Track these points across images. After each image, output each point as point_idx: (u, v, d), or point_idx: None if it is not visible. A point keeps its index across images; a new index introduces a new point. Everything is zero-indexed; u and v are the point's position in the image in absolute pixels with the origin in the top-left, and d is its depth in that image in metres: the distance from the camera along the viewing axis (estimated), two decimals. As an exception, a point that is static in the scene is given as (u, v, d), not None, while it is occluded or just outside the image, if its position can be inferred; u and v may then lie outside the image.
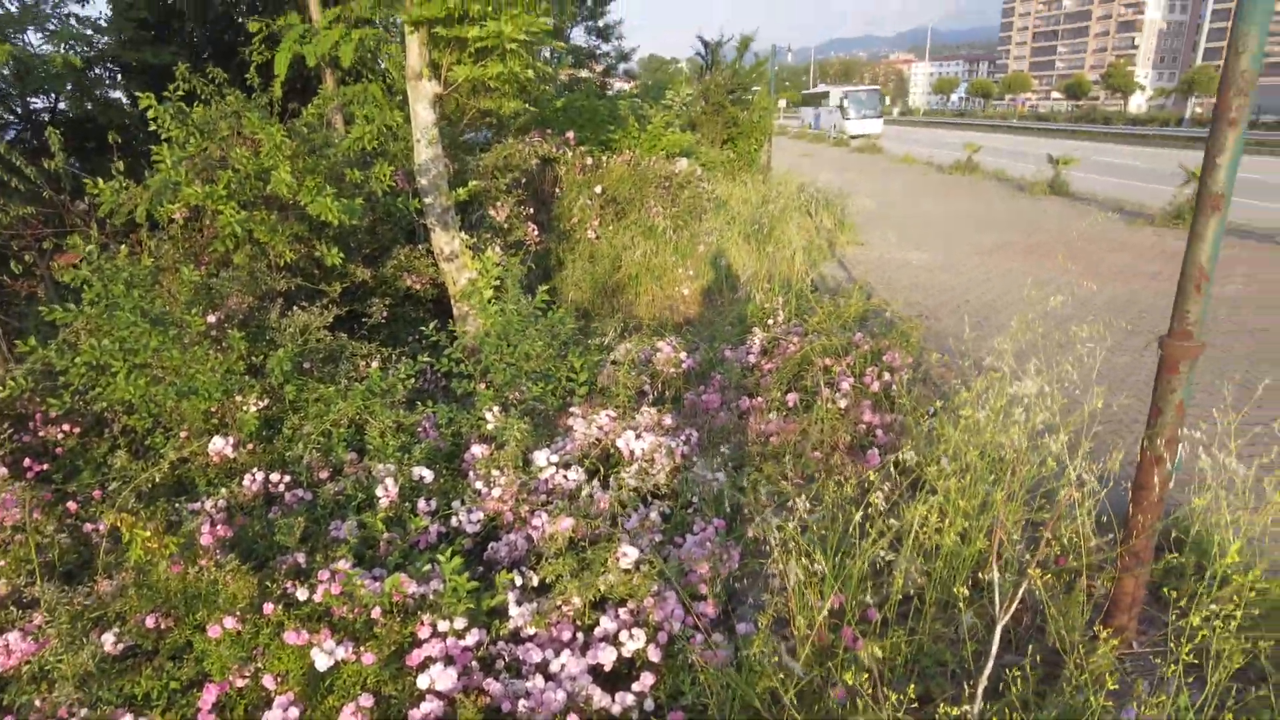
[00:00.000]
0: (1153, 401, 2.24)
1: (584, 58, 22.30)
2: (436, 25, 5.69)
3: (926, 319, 6.63)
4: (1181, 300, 2.12)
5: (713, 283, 7.60)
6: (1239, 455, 2.68)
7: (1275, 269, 9.37)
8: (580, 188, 7.92)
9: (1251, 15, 1.87)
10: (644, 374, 4.86)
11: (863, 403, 4.17)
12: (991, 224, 13.01)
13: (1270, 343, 6.50)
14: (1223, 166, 1.97)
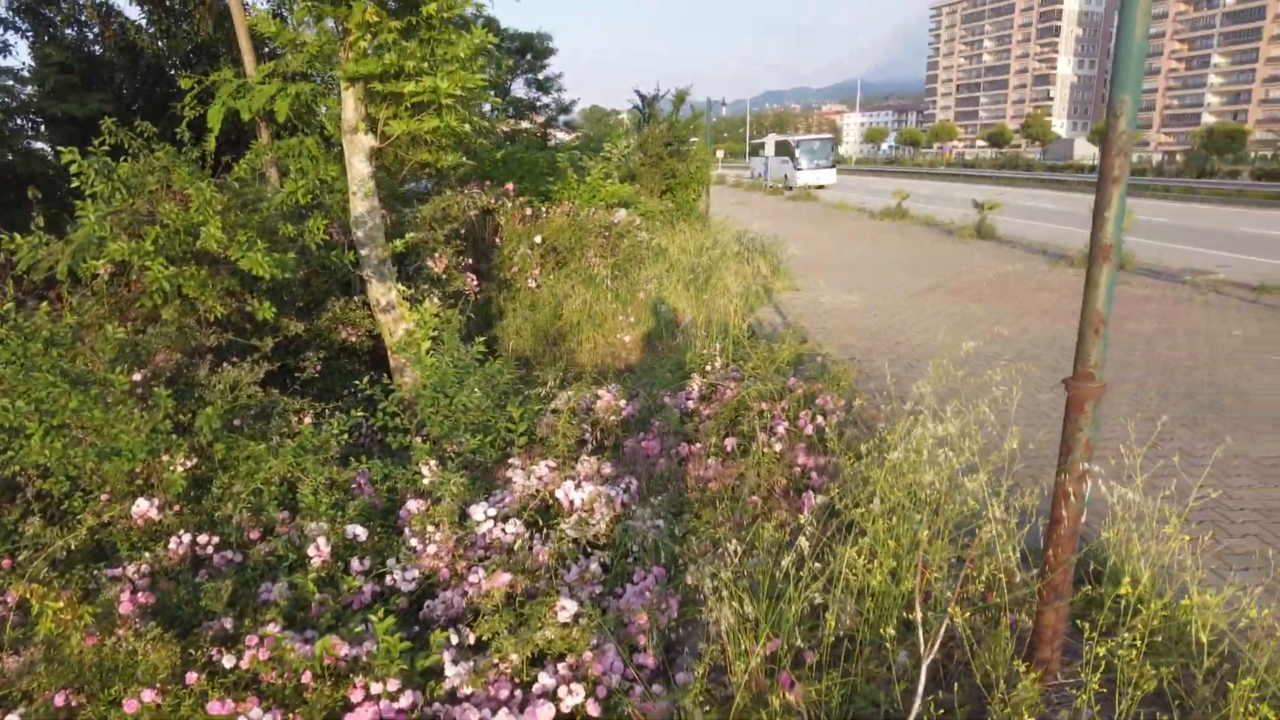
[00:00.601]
0: (1062, 440, 2.36)
1: (525, 109, 22.63)
2: (373, 81, 5.75)
3: (858, 361, 6.83)
4: (1082, 344, 2.25)
5: (653, 329, 7.69)
6: (1148, 486, 2.83)
7: (1183, 306, 9.93)
8: (520, 238, 7.98)
9: (1124, 84, 2.03)
10: (584, 422, 4.87)
11: (797, 446, 4.26)
12: (921, 268, 13.49)
13: (1180, 376, 6.85)
14: (1110, 220, 2.12)
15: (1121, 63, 2.05)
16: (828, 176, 40.07)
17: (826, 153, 41.85)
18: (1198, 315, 9.43)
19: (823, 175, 39.86)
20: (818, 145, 42.12)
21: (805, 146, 41.36)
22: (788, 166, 40.76)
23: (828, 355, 6.23)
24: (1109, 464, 3.45)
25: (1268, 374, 6.88)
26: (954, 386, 3.77)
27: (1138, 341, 8.16)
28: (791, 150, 41.01)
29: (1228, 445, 5.18)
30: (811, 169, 39.69)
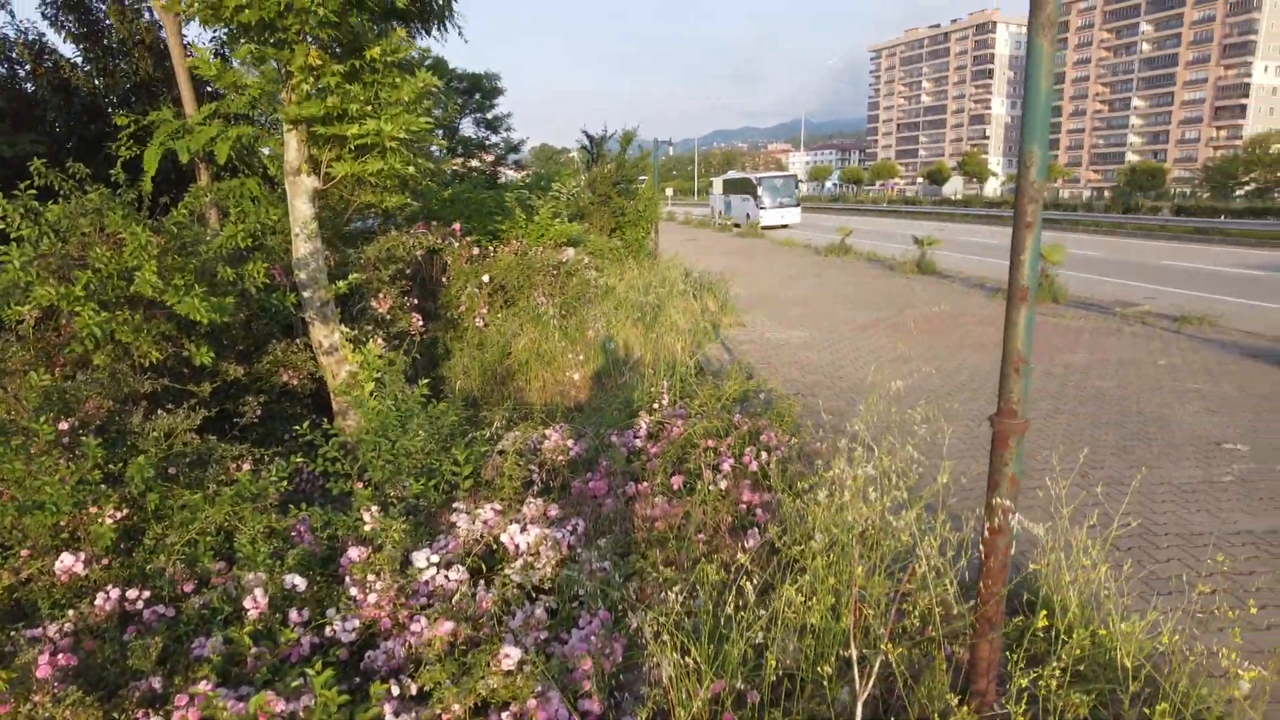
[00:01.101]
0: (989, 475, 2.44)
1: (474, 148, 22.74)
2: (315, 123, 5.73)
3: (803, 396, 6.95)
4: (1004, 382, 2.34)
5: (602, 366, 7.72)
6: (1080, 515, 2.93)
7: (1113, 338, 10.34)
8: (468, 276, 7.97)
9: (1033, 136, 2.16)
10: (531, 463, 4.85)
11: (743, 482, 4.30)
12: (864, 303, 13.82)
13: (1111, 406, 7.12)
14: (1026, 263, 2.23)
15: (1029, 117, 2.17)
16: (792, 215, 38.68)
17: (790, 190, 40.15)
18: (1126, 346, 9.82)
19: (787, 214, 38.47)
20: (781, 183, 40.13)
21: (768, 184, 39.37)
22: (750, 205, 39.28)
23: (773, 390, 6.32)
24: (1042, 494, 3.56)
25: (1188, 402, 7.19)
26: (893, 420, 3.86)
27: (1072, 373, 8.47)
28: (754, 188, 39.21)
29: (1153, 472, 5.41)
30: (775, 208, 38.30)
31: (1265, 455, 5.76)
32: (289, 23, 5.18)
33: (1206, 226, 30.71)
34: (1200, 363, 8.82)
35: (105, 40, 10.74)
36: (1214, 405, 7.09)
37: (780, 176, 41.09)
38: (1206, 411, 6.90)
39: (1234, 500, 4.92)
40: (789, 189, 40.12)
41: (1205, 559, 3.99)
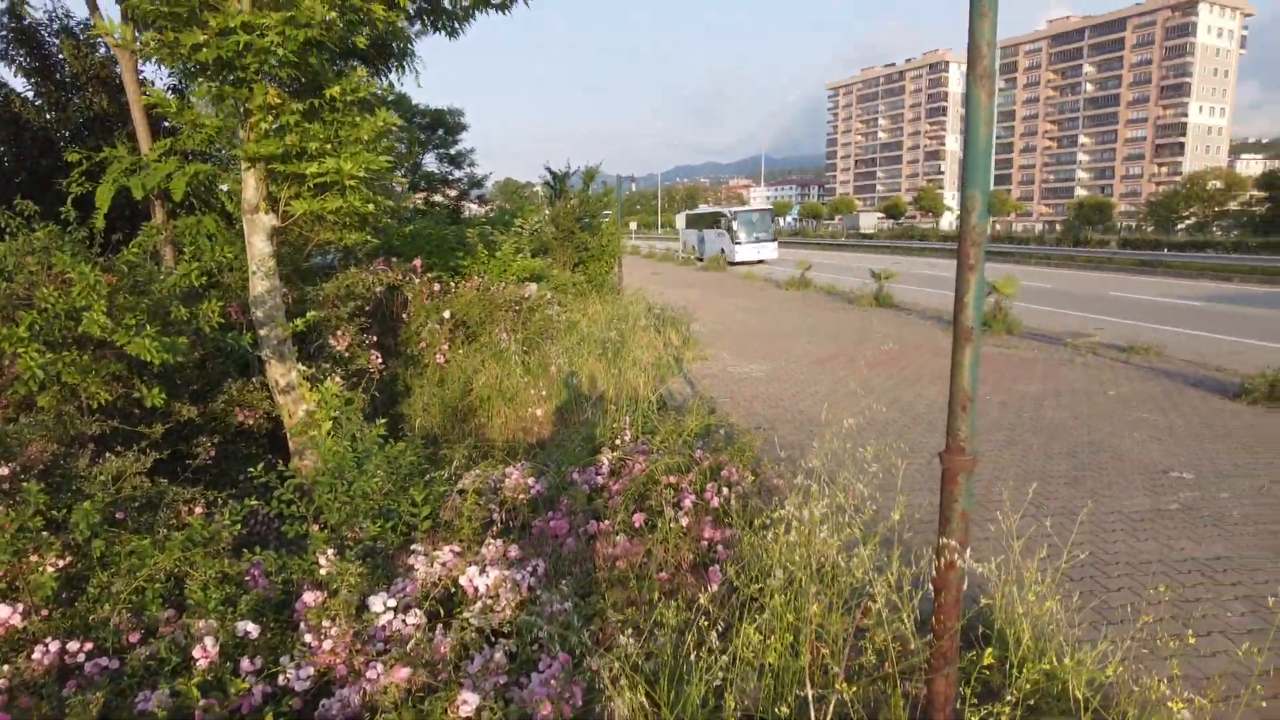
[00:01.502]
0: (940, 511, 2.49)
1: (437, 183, 22.75)
2: (274, 161, 5.71)
3: (764, 430, 7.00)
4: (952, 420, 2.40)
5: (565, 402, 7.70)
6: (1034, 546, 2.99)
7: (1065, 368, 10.60)
8: (428, 313, 7.93)
9: (974, 182, 2.24)
10: (492, 502, 4.80)
11: (704, 519, 4.31)
12: (824, 336, 14.01)
13: (1063, 436, 7.28)
14: (969, 305, 2.29)
15: (969, 163, 2.26)
16: (768, 250, 37.00)
17: (766, 225, 38.43)
18: (1078, 376, 10.08)
19: (764, 249, 36.81)
20: (756, 217, 38.47)
21: (743, 219, 37.74)
22: (724, 240, 37.62)
23: (735, 425, 6.36)
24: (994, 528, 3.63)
25: (1138, 431, 7.39)
26: (851, 455, 3.92)
27: (1026, 403, 8.65)
28: (728, 223, 37.65)
29: (1104, 501, 5.53)
30: (751, 243, 36.71)
31: (1209, 482, 5.93)
32: (248, 62, 5.18)
33: (1151, 259, 31.80)
34: (1148, 392, 9.08)
35: (58, 75, 10.59)
36: (1161, 434, 7.29)
37: (755, 210, 39.53)
38: (1154, 440, 7.09)
39: (1180, 528, 5.05)
40: (765, 223, 38.50)
41: (1153, 588, 4.08)
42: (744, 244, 36.67)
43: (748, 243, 36.76)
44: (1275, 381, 8.48)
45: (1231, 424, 7.65)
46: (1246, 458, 6.56)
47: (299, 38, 5.07)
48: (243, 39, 4.95)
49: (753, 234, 37.21)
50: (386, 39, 6.88)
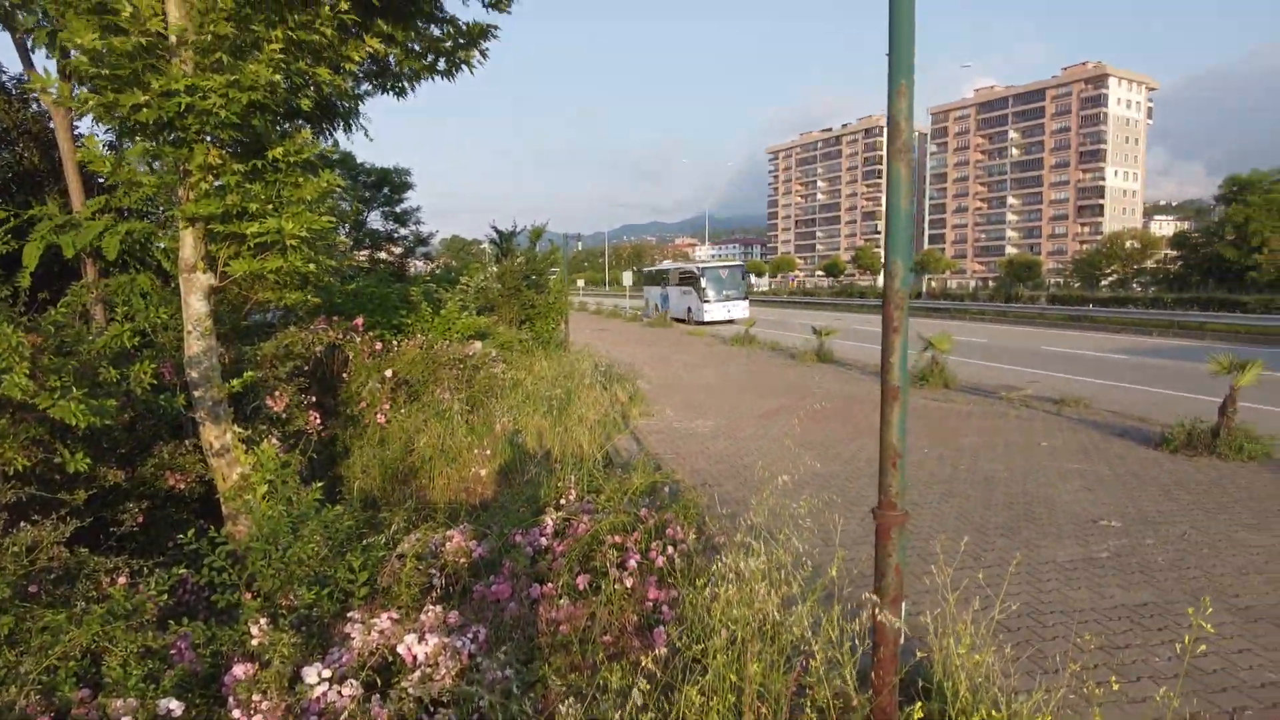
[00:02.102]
0: (875, 566, 2.54)
1: (381, 240, 22.67)
2: (214, 221, 5.65)
3: (709, 487, 7.03)
4: (883, 476, 2.47)
5: (510, 461, 7.63)
6: (971, 597, 3.05)
7: (1000, 421, 10.93)
8: (370, 372, 7.83)
9: (896, 250, 2.36)
10: (432, 567, 4.70)
11: (649, 579, 4.28)
12: (768, 391, 14.22)
13: (999, 488, 7.48)
14: (895, 365, 2.39)
15: (891, 232, 2.38)
16: (739, 310, 34.85)
17: (736, 282, 36.16)
18: (1013, 429, 10.40)
19: (734, 308, 34.72)
20: (726, 274, 36.33)
21: (712, 275, 35.75)
22: (691, 298, 35.78)
23: (680, 481, 6.39)
24: (929, 581, 3.70)
25: (1069, 481, 7.63)
26: (795, 510, 3.96)
27: (964, 456, 8.88)
28: (696, 280, 35.63)
29: (1039, 551, 5.68)
30: (720, 301, 34.71)
31: (1136, 530, 6.15)
32: (189, 123, 5.16)
33: (1078, 314, 33.25)
34: (1078, 443, 9.41)
35: (-13, 130, 10.37)
36: (1091, 484, 7.55)
37: (725, 266, 37.20)
38: (1085, 490, 7.33)
39: (1110, 575, 5.21)
40: (735, 280, 36.20)
41: (1084, 635, 4.19)
42: (713, 302, 34.61)
43: (717, 301, 34.73)
44: (1192, 431, 8.88)
45: (1154, 472, 7.96)
46: (1169, 504, 6.83)
47: (242, 100, 5.08)
48: (185, 101, 4.94)
49: (722, 291, 35.15)
50: (332, 100, 6.94)
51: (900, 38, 2.25)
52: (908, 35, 2.25)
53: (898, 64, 2.25)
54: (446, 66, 7.56)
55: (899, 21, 2.25)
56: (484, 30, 7.51)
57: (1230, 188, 50.33)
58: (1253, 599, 4.81)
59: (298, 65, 5.67)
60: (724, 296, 35.18)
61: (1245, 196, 47.87)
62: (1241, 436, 8.59)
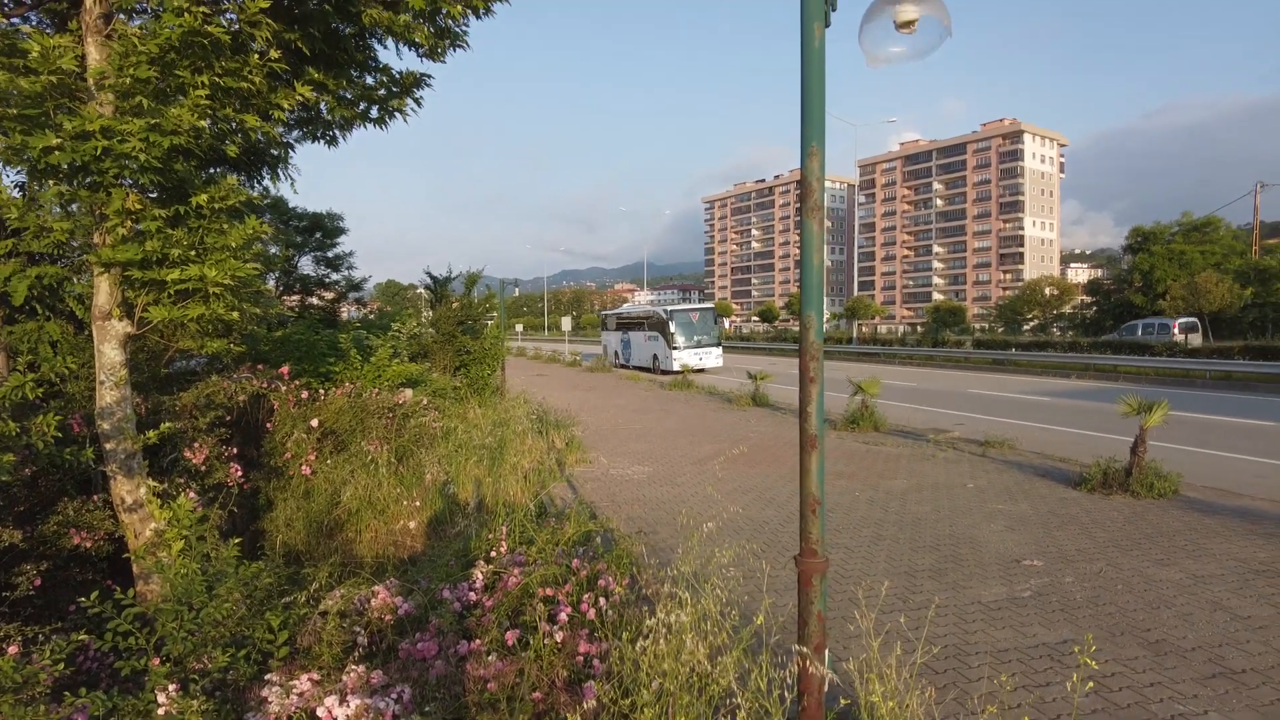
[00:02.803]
0: (799, 614, 2.56)
1: (313, 286, 22.23)
2: (132, 267, 5.47)
3: (644, 534, 6.99)
4: (804, 524, 2.50)
5: (441, 513, 7.46)
6: (898, 639, 3.08)
7: (928, 463, 11.19)
8: (295, 422, 7.60)
9: (810, 303, 2.43)
10: (356, 624, 4.55)
11: (580, 632, 4.22)
12: (704, 435, 14.31)
13: (927, 529, 7.63)
14: (813, 414, 2.45)
15: (805, 286, 2.46)
16: (712, 357, 32.15)
17: (709, 326, 32.85)
18: (940, 470, 10.67)
19: (706, 355, 31.85)
20: (697, 317, 32.82)
21: (681, 319, 32.34)
22: (658, 345, 32.80)
23: (614, 530, 6.34)
24: (853, 626, 3.74)
25: (994, 522, 7.85)
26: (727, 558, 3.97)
27: (893, 499, 9.05)
28: (664, 324, 32.38)
29: (965, 592, 5.79)
30: (690, 348, 31.57)
31: (1056, 569, 6.34)
32: (106, 166, 5.02)
33: (1001, 358, 34.49)
34: (1003, 484, 9.70)
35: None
36: (1014, 524, 7.77)
37: (696, 309, 33.26)
38: (1009, 530, 7.54)
39: (1033, 614, 5.35)
40: (707, 324, 32.78)
41: (1003, 676, 4.28)
42: (683, 349, 31.42)
43: (687, 348, 31.55)
44: (1107, 470, 9.26)
45: (1074, 511, 8.25)
46: (1087, 542, 7.07)
47: (164, 144, 4.97)
48: (101, 144, 4.81)
49: (693, 337, 32.00)
50: (261, 147, 6.84)
51: (811, 104, 2.36)
52: (818, 102, 2.36)
53: (809, 128, 2.35)
54: (379, 115, 7.55)
55: (809, 89, 2.36)
56: (418, 79, 7.55)
57: (1135, 238, 53.35)
58: (1163, 633, 4.99)
59: (224, 111, 5.59)
60: (695, 342, 31.98)
61: (1149, 246, 50.82)
62: (1151, 475, 8.99)
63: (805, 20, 2.40)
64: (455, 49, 7.61)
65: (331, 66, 6.88)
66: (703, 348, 32.03)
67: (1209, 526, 7.56)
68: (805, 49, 2.40)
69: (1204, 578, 6.08)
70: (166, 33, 4.79)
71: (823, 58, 2.40)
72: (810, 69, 2.38)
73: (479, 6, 6.80)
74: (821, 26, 2.40)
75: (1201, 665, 4.51)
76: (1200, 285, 39.69)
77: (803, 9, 2.39)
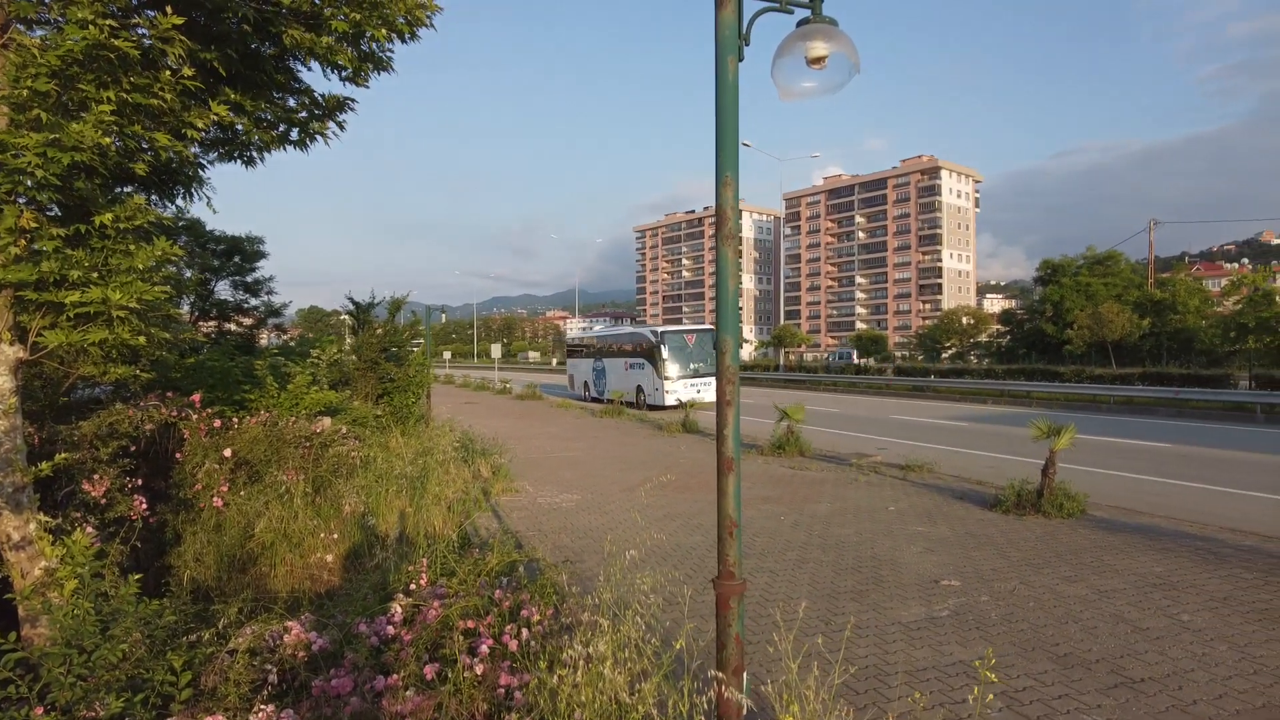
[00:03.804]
0: (717, 638, 2.56)
1: (230, 311, 21.45)
2: (26, 288, 5.18)
3: (571, 563, 6.90)
4: (721, 547, 2.52)
5: (359, 545, 7.23)
6: (815, 660, 3.11)
7: (851, 487, 11.44)
8: (207, 452, 7.28)
9: (726, 327, 2.47)
10: (267, 662, 4.34)
11: (501, 664, 4.12)
12: (634, 463, 14.31)
13: (849, 552, 7.77)
14: (729, 437, 2.47)
15: (720, 312, 2.50)
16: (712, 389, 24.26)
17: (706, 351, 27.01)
18: (863, 494, 10.90)
19: (705, 386, 25.75)
20: (694, 340, 27.18)
21: (674, 343, 26.52)
22: (645, 374, 27.38)
23: (540, 560, 6.23)
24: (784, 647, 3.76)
25: (914, 544, 8.05)
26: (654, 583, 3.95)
27: (816, 522, 9.20)
28: (653, 350, 26.78)
29: (885, 613, 5.90)
30: (687, 377, 26.15)
31: (972, 588, 6.53)
32: (-1, 182, 4.76)
33: (922, 385, 35.65)
34: (923, 507, 9.97)
35: None
36: (934, 545, 7.98)
37: (694, 330, 27.87)
38: (928, 552, 7.74)
39: (950, 633, 5.49)
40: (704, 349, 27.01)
41: (916, 694, 4.37)
42: (676, 379, 25.91)
43: (682, 378, 26.00)
44: (1020, 492, 9.63)
45: (989, 531, 8.53)
46: (1001, 562, 7.31)
47: (64, 160, 4.75)
48: (-7, 159, 4.57)
49: (689, 364, 26.50)
50: (174, 166, 6.60)
51: (725, 135, 2.41)
52: (732, 133, 2.42)
53: (723, 158, 2.41)
54: (300, 137, 7.40)
55: (724, 121, 2.42)
56: (341, 103, 7.43)
57: (1045, 270, 56.16)
58: (1070, 646, 5.18)
59: (133, 128, 5.38)
60: (692, 370, 26.35)
61: (1058, 278, 53.54)
62: (1061, 495, 9.39)
63: (720, 54, 2.46)
64: (379, 73, 7.54)
65: (250, 87, 6.71)
66: (700, 377, 26.19)
67: (1113, 544, 7.92)
68: (720, 81, 2.46)
69: (1107, 592, 6.35)
70: (69, 45, 4.61)
71: (736, 90, 2.47)
72: (724, 101, 2.44)
73: (404, 32, 6.76)
74: (735, 60, 2.47)
75: (1105, 676, 4.69)
76: (1103, 315, 41.95)
77: (717, 43, 2.46)
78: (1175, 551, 7.60)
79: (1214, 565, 7.10)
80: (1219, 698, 4.39)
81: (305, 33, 6.20)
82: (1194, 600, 6.12)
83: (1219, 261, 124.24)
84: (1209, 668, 4.81)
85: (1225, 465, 13.71)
